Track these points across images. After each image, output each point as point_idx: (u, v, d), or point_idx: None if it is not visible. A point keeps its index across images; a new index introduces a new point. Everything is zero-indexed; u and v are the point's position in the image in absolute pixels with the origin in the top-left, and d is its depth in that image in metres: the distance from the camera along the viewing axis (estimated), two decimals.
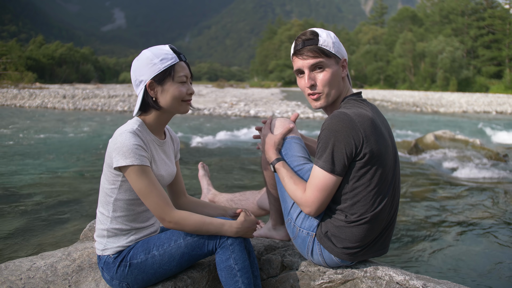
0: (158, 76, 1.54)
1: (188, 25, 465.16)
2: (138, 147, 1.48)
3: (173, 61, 1.55)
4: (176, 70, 1.55)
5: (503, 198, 5.08)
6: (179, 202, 1.84)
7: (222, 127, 12.88)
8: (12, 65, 40.22)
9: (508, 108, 24.11)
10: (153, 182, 1.50)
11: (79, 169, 6.66)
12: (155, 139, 1.62)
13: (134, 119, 1.60)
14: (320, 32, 1.63)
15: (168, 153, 1.71)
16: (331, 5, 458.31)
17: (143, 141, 1.52)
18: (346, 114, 1.51)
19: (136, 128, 1.53)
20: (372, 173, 1.52)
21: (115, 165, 1.48)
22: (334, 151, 1.50)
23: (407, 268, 2.83)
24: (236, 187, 5.53)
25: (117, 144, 1.47)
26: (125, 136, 1.48)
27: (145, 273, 1.56)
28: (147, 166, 1.49)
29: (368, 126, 1.49)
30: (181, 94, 1.56)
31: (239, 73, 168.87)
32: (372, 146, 1.49)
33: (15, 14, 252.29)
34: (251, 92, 39.64)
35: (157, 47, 1.58)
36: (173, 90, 1.55)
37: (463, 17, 62.12)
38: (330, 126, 1.50)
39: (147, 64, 1.53)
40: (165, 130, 1.74)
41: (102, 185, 1.58)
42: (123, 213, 1.57)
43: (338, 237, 1.59)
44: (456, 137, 8.91)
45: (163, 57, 1.54)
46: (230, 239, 1.55)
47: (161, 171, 1.61)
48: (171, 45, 1.60)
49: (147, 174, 1.49)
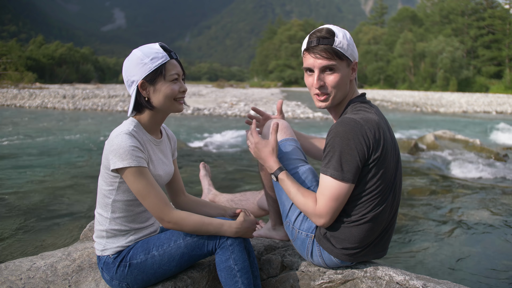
0: (149, 76, 1.52)
1: (188, 25, 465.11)
2: (135, 149, 1.47)
3: (163, 60, 1.53)
4: (167, 69, 1.54)
5: (503, 198, 5.08)
6: (178, 201, 1.83)
7: (222, 127, 12.88)
8: (12, 65, 40.19)
9: (508, 108, 24.11)
10: (151, 182, 1.49)
11: (79, 169, 6.66)
12: (152, 139, 1.62)
13: (130, 120, 1.59)
14: (337, 31, 1.55)
15: (165, 152, 1.70)
16: (331, 5, 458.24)
17: (139, 142, 1.52)
18: (354, 120, 1.48)
19: (132, 129, 1.52)
20: (375, 176, 1.51)
21: (112, 167, 1.47)
22: (344, 158, 1.45)
23: (407, 268, 2.83)
24: (236, 187, 5.53)
25: (113, 146, 1.47)
26: (121, 137, 1.47)
27: (145, 273, 1.55)
28: (144, 167, 1.49)
29: (376, 131, 1.48)
30: (173, 92, 1.55)
31: (239, 73, 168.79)
32: (379, 151, 1.48)
33: (15, 14, 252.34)
34: (251, 92, 39.63)
35: (148, 46, 1.56)
36: (165, 89, 1.54)
37: (463, 17, 62.14)
38: (339, 133, 1.47)
39: (138, 64, 1.52)
40: (161, 129, 1.72)
41: (99, 186, 1.58)
42: (121, 214, 1.56)
43: (337, 238, 1.58)
44: (456, 137, 8.91)
45: (154, 56, 1.52)
46: (230, 239, 1.54)
47: (158, 171, 1.61)
48: (162, 43, 1.58)
49: (144, 175, 1.48)
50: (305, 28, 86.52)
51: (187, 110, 18.48)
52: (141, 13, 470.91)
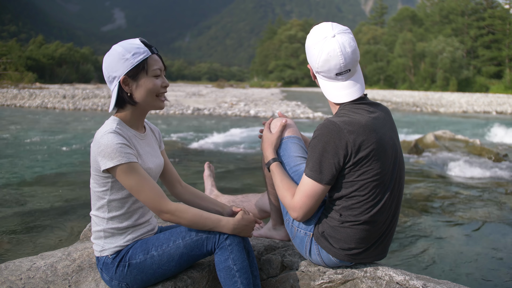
0: (131, 71, 1.51)
1: (188, 25, 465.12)
2: (122, 145, 1.47)
3: (145, 55, 1.52)
4: (150, 64, 1.53)
5: (503, 198, 5.09)
6: (176, 192, 1.82)
7: (222, 127, 12.88)
8: (12, 65, 40.15)
9: (508, 108, 24.11)
10: (144, 176, 1.49)
11: (79, 169, 6.66)
12: (137, 134, 1.61)
13: (111, 119, 1.58)
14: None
15: (152, 145, 1.69)
16: (331, 5, 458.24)
17: (125, 138, 1.51)
18: (334, 123, 1.50)
19: (115, 127, 1.51)
20: (367, 177, 1.52)
21: (103, 168, 1.46)
22: (322, 161, 1.51)
23: (407, 268, 2.83)
24: (237, 187, 5.53)
25: (101, 147, 1.46)
26: (107, 137, 1.47)
27: (144, 273, 1.55)
28: (135, 163, 1.49)
29: (360, 133, 1.49)
30: (155, 87, 1.54)
31: (239, 73, 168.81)
32: (363, 152, 1.49)
33: (15, 14, 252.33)
34: (251, 92, 39.63)
35: (128, 41, 1.55)
36: (147, 84, 1.53)
37: (463, 17, 62.12)
38: (319, 136, 1.52)
39: (119, 60, 1.50)
40: (144, 123, 1.72)
41: (92, 189, 1.57)
42: (118, 212, 1.56)
43: (334, 237, 1.60)
44: (456, 137, 8.91)
45: (135, 51, 1.51)
46: (229, 239, 1.54)
47: (148, 164, 1.60)
48: (141, 38, 1.58)
49: (136, 170, 1.48)
50: (305, 28, 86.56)
51: (187, 110, 18.48)
52: (141, 13, 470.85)
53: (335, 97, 1.60)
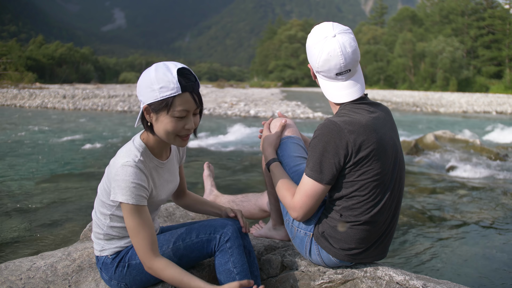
0: (154, 104, 1.39)
1: (188, 25, 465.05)
2: (137, 186, 1.41)
3: (172, 93, 1.36)
4: (174, 104, 1.38)
5: (503, 198, 5.09)
6: (180, 201, 1.85)
7: (222, 127, 12.88)
8: (12, 65, 40.16)
9: (508, 108, 24.11)
10: (144, 223, 1.43)
11: (79, 169, 6.66)
12: (159, 163, 1.55)
13: (137, 143, 1.50)
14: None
15: (172, 170, 1.65)
16: (331, 5, 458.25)
17: (144, 174, 1.45)
18: (334, 123, 1.50)
19: (138, 160, 1.44)
20: (367, 177, 1.52)
21: (112, 198, 1.43)
22: (322, 161, 1.50)
23: (407, 268, 2.84)
24: (237, 187, 5.53)
25: (117, 177, 1.41)
26: (126, 171, 1.40)
27: (144, 274, 1.55)
28: (142, 206, 1.43)
29: (360, 133, 1.49)
30: (174, 130, 1.42)
31: (239, 73, 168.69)
32: (364, 152, 1.49)
33: (15, 14, 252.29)
34: (251, 92, 39.62)
35: (166, 68, 1.39)
36: (166, 123, 1.41)
37: (463, 17, 62.09)
38: (319, 136, 1.51)
39: (147, 87, 1.39)
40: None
41: (99, 194, 1.55)
42: (119, 224, 1.55)
43: (334, 237, 1.60)
44: (456, 137, 8.91)
45: (164, 85, 1.36)
46: (229, 242, 1.53)
47: (161, 195, 1.58)
48: (186, 67, 1.42)
49: (140, 214, 1.42)
50: (305, 28, 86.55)
51: None
52: (141, 13, 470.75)
53: (336, 97, 1.60)
